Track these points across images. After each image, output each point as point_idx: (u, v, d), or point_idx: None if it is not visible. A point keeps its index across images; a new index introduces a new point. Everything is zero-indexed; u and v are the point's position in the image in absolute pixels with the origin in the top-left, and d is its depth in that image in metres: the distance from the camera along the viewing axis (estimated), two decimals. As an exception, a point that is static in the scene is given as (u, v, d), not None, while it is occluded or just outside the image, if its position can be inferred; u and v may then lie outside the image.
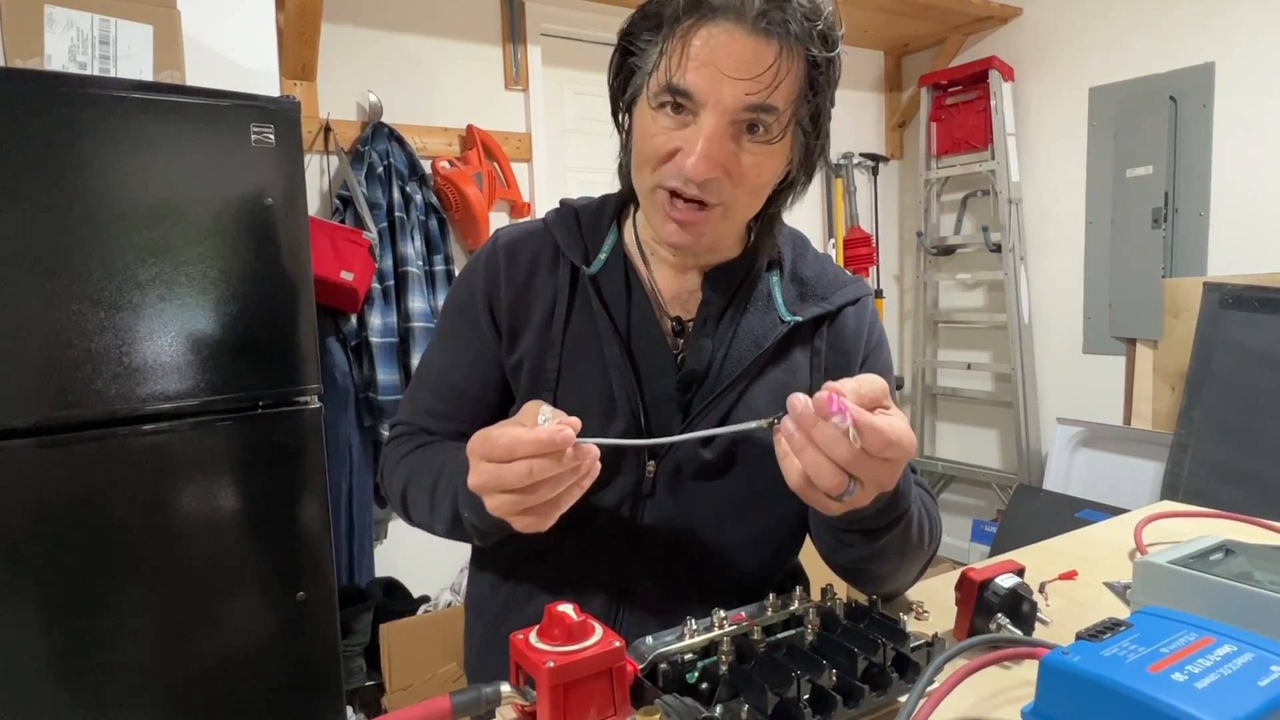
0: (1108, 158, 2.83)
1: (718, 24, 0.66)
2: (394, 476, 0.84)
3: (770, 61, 0.66)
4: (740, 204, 0.73)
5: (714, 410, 0.78)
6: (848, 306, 0.84)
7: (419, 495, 0.79)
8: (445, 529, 0.77)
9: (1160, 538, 1.00)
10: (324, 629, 1.52)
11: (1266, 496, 2.11)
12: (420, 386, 0.88)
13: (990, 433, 3.32)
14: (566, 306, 0.81)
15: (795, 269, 0.85)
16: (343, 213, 2.18)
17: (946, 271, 3.37)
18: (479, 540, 0.75)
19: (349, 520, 2.19)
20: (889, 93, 3.47)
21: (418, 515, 0.81)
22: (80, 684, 1.29)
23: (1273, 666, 0.50)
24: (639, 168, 0.74)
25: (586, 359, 0.79)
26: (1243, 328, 2.26)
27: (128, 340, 1.30)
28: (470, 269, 0.86)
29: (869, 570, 0.73)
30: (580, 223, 0.85)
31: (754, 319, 0.81)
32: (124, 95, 1.28)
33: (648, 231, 0.83)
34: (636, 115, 0.74)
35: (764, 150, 0.70)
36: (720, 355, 0.79)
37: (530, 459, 0.58)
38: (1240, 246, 2.54)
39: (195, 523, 1.38)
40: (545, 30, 2.60)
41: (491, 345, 0.83)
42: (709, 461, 0.78)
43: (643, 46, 0.72)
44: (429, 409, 0.86)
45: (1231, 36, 2.51)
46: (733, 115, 0.67)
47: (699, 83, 0.66)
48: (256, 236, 1.41)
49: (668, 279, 0.83)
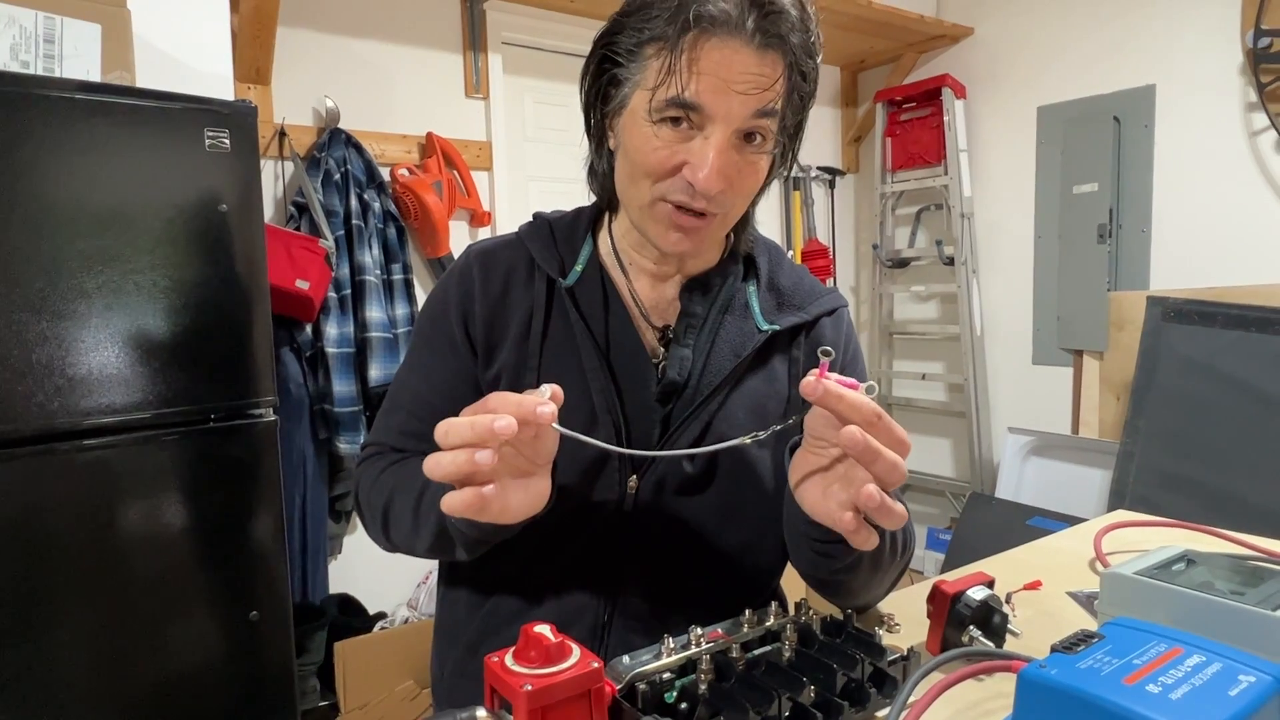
0: (1055, 174, 2.92)
1: (719, 38, 0.66)
2: (373, 493, 0.80)
3: (771, 73, 0.68)
4: (736, 210, 0.75)
5: (694, 421, 0.78)
6: (824, 317, 0.85)
7: (403, 508, 0.75)
8: (429, 542, 0.73)
9: (1117, 547, 1.03)
10: (278, 649, 1.47)
11: (1209, 503, 2.19)
12: (394, 407, 0.85)
13: (944, 442, 3.39)
14: (544, 319, 0.80)
15: (772, 278, 0.85)
16: (298, 220, 2.13)
17: (901, 284, 3.44)
18: (467, 551, 0.71)
19: (303, 536, 2.13)
20: (845, 108, 3.54)
21: (398, 532, 0.77)
22: (20, 713, 1.23)
23: (1241, 676, 0.51)
24: (634, 180, 0.73)
25: (565, 372, 0.78)
26: (1184, 340, 2.35)
27: (72, 351, 1.25)
28: (443, 285, 0.85)
29: (846, 582, 0.73)
30: (554, 235, 0.84)
31: (732, 328, 0.81)
32: (69, 96, 1.23)
33: (628, 240, 0.83)
34: (626, 127, 0.73)
35: (760, 158, 0.72)
36: (699, 365, 0.79)
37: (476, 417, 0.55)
38: (1181, 262, 2.64)
39: (143, 542, 1.32)
40: (506, 39, 2.58)
41: (467, 362, 0.81)
42: (692, 475, 0.78)
43: (628, 58, 0.71)
44: (404, 429, 0.83)
45: (1171, 60, 2.62)
46: (737, 128, 0.69)
47: (708, 96, 0.67)
48: (210, 243, 1.37)
49: (646, 288, 0.83)
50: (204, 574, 1.39)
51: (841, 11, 2.73)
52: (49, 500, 1.24)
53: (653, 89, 0.69)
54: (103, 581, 1.29)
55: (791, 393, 0.82)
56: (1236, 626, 0.59)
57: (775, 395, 0.82)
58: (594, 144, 0.81)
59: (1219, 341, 2.28)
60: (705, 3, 0.66)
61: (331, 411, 2.10)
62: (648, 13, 0.69)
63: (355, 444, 2.14)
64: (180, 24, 1.55)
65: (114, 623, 1.30)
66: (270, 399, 1.44)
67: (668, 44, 0.67)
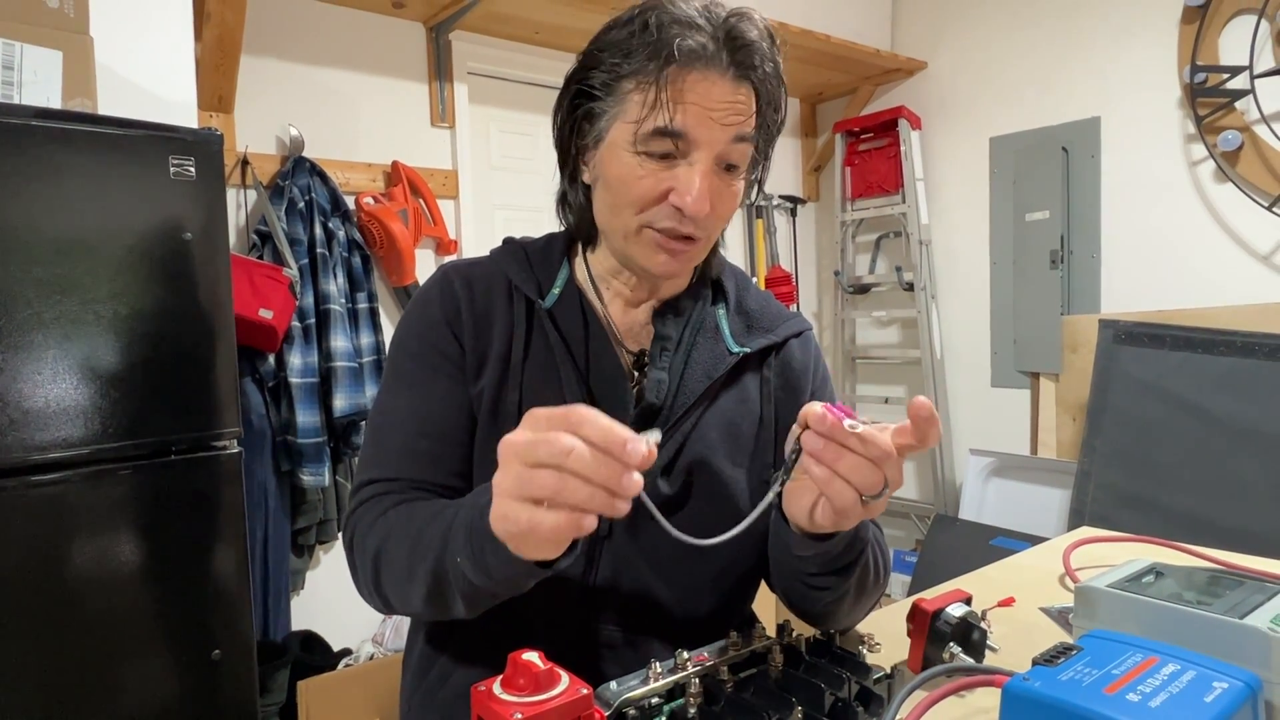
0: (1008, 202, 3.01)
1: (698, 70, 0.70)
2: (368, 537, 0.73)
3: (746, 101, 0.72)
4: (716, 234, 0.80)
5: (670, 442, 0.79)
6: (792, 339, 0.87)
7: (397, 552, 0.68)
8: (425, 593, 0.66)
9: (1085, 563, 1.05)
10: (240, 689, 1.42)
11: (1162, 519, 2.25)
12: (387, 433, 0.78)
13: (907, 465, 3.43)
14: (525, 339, 0.80)
15: (740, 301, 0.88)
16: (261, 249, 2.10)
17: (863, 309, 3.50)
18: (466, 607, 0.65)
19: (264, 571, 2.07)
20: (805, 138, 3.61)
21: (390, 580, 0.70)
22: (-38, 764, 1.17)
23: (1215, 683, 0.53)
24: (618, 210, 0.75)
25: (546, 393, 0.78)
26: (1135, 362, 2.43)
27: (28, 383, 1.21)
28: (423, 302, 0.82)
29: (832, 611, 0.75)
30: (529, 258, 0.85)
31: (704, 350, 0.83)
32: (26, 123, 1.21)
33: (602, 267, 0.84)
34: (605, 159, 0.75)
35: (737, 183, 0.76)
36: (674, 387, 0.80)
37: (583, 442, 0.50)
38: (1130, 286, 2.74)
39: (100, 579, 1.27)
40: (472, 69, 2.60)
41: (463, 371, 0.79)
42: (667, 497, 0.78)
43: (605, 93, 0.74)
44: (409, 451, 0.76)
45: (1114, 93, 2.74)
46: (719, 154, 0.72)
47: (692, 125, 0.70)
48: (173, 272, 1.34)
49: (620, 313, 0.84)
50: (163, 612, 1.34)
51: (801, 45, 2.80)
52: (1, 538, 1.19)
53: (637, 121, 0.71)
54: (56, 621, 1.24)
55: (764, 412, 0.84)
56: (1207, 635, 0.61)
57: (749, 415, 0.84)
58: (567, 177, 0.82)
59: (1167, 363, 2.36)
60: (684, 39, 0.69)
61: (295, 443, 2.06)
62: (624, 48, 0.72)
63: (319, 475, 2.10)
64: (143, 51, 1.53)
65: (68, 664, 1.25)
66: (234, 430, 1.41)
67: (649, 78, 0.70)
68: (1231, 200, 2.50)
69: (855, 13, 3.13)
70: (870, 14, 3.23)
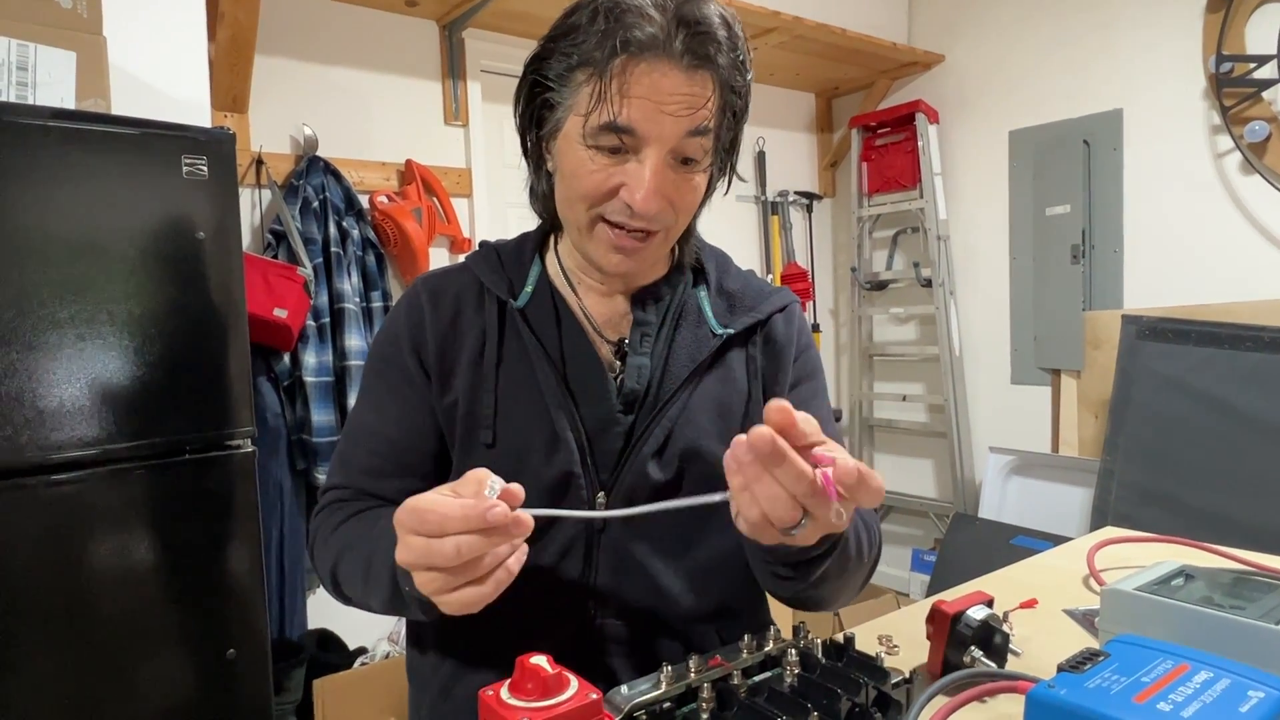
0: (1028, 197, 2.97)
1: (648, 61, 0.67)
2: (323, 552, 0.78)
3: (702, 92, 0.69)
4: (678, 227, 0.77)
5: (658, 427, 0.78)
6: (776, 314, 0.86)
7: (351, 572, 0.73)
8: (383, 604, 0.70)
9: (1109, 564, 1.03)
10: (256, 688, 1.42)
11: (1187, 518, 2.21)
12: (352, 446, 0.83)
13: (926, 463, 3.40)
14: (497, 342, 0.79)
15: (721, 284, 0.87)
16: (275, 248, 2.11)
17: (880, 306, 3.47)
18: (424, 614, 0.67)
19: (280, 570, 2.08)
20: (821, 133, 3.58)
21: (351, 591, 0.75)
22: (-20, 762, 1.17)
23: (1250, 692, 0.50)
24: (571, 203, 0.74)
25: (523, 394, 0.77)
26: (1159, 357, 2.38)
27: (43, 383, 1.21)
28: (392, 319, 0.84)
29: (812, 595, 0.73)
30: (501, 259, 0.85)
31: (687, 334, 0.82)
32: (42, 123, 1.21)
33: (574, 260, 0.83)
34: (561, 150, 0.74)
35: (696, 176, 0.73)
36: (658, 372, 0.80)
37: (459, 535, 0.55)
38: (1153, 280, 2.69)
39: (116, 579, 1.28)
40: (485, 67, 2.60)
41: (422, 391, 0.80)
42: (661, 484, 0.77)
43: (559, 83, 0.72)
44: (365, 467, 0.81)
45: (1137, 84, 2.69)
46: (672, 148, 0.69)
47: (641, 120, 0.68)
48: (187, 272, 1.34)
49: (597, 304, 0.83)
50: (179, 611, 1.34)
51: (816, 40, 2.77)
52: (16, 537, 1.20)
53: (585, 114, 0.69)
54: (72, 621, 1.24)
55: (751, 389, 0.83)
56: (1240, 641, 0.59)
57: (736, 394, 0.83)
58: (532, 166, 0.82)
59: (1192, 359, 2.32)
60: (632, 27, 0.66)
61: (310, 441, 2.07)
62: (575, 38, 0.70)
63: (334, 474, 2.10)
64: (157, 52, 1.54)
65: (84, 664, 1.25)
66: (248, 429, 1.41)
67: (597, 69, 0.68)
68: (1258, 192, 2.45)
69: (871, 6, 3.10)
70: (887, 7, 3.19)
